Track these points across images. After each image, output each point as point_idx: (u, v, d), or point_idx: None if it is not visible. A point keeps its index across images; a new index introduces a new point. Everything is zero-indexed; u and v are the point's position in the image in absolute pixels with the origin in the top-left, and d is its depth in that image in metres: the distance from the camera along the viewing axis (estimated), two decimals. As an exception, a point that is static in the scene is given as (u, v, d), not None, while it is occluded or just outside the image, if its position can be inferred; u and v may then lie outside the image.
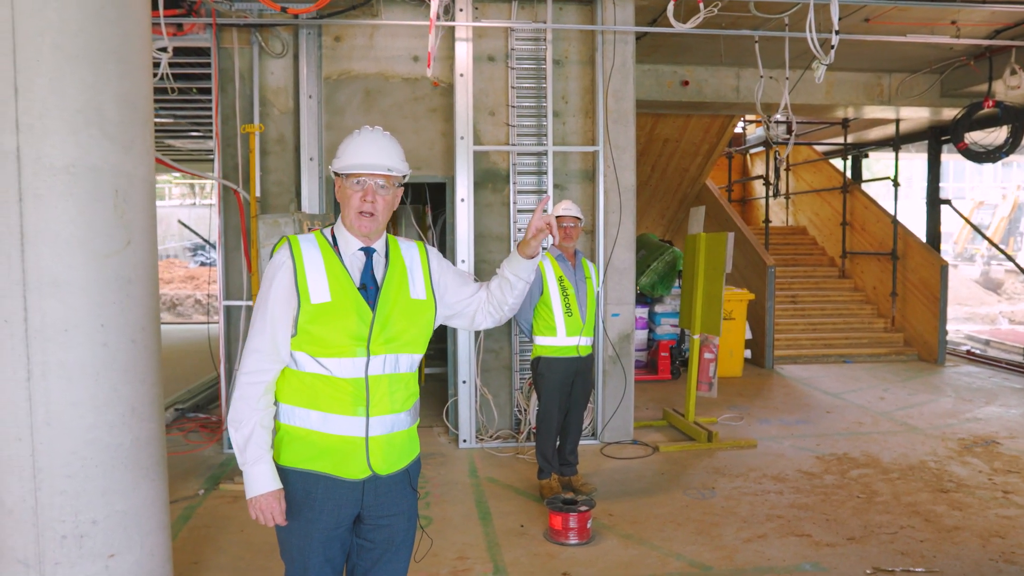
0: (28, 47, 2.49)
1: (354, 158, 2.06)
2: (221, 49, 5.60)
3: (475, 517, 4.48)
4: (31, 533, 2.62)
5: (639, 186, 11.13)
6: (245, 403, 2.02)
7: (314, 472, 2.05)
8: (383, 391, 2.06)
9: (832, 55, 4.35)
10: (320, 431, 2.03)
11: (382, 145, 2.11)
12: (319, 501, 2.05)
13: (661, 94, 8.12)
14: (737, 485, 5.00)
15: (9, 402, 2.58)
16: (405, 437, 2.15)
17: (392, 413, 2.09)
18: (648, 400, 7.57)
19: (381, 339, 2.05)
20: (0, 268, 2.55)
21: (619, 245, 5.96)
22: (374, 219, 2.08)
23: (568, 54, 5.99)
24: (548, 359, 4.69)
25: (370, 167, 2.05)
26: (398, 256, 2.18)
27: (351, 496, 2.08)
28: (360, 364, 2.03)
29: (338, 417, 2.03)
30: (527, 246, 2.15)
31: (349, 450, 2.04)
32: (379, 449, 2.07)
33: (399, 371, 2.09)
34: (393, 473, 2.12)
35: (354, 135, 2.12)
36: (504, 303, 2.25)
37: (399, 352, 2.09)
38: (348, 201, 2.08)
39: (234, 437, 2.04)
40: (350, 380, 2.02)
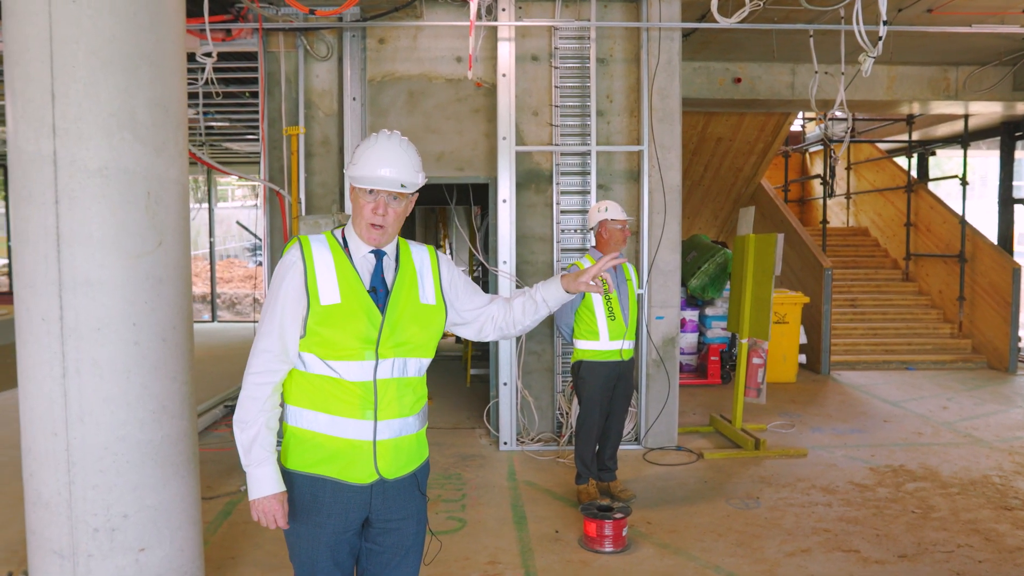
0: (64, 54, 2.57)
1: (369, 170, 2.02)
2: (268, 53, 5.71)
3: (510, 521, 4.43)
4: (65, 525, 2.69)
5: (691, 186, 10.93)
6: (253, 403, 2.01)
7: (321, 476, 2.03)
8: (391, 395, 2.04)
9: (880, 47, 4.14)
10: (328, 434, 2.02)
11: (398, 157, 2.05)
12: (326, 505, 2.04)
13: (712, 92, 7.93)
14: (783, 495, 4.82)
15: (46, 398, 2.67)
16: (413, 441, 2.13)
17: (400, 417, 2.07)
18: (696, 405, 7.39)
19: (390, 343, 2.03)
20: (38, 268, 2.63)
21: (664, 247, 5.83)
22: (384, 231, 2.05)
23: (613, 52, 5.89)
24: (590, 363, 4.61)
25: (385, 182, 2.01)
26: (409, 260, 2.15)
27: (359, 500, 2.06)
28: (368, 367, 2.01)
29: (346, 420, 2.01)
30: (574, 284, 2.15)
31: (356, 454, 2.03)
32: (387, 453, 2.05)
33: (408, 375, 2.07)
34: (401, 477, 2.10)
35: (370, 142, 2.08)
36: (519, 323, 2.24)
37: (408, 356, 2.06)
38: (360, 210, 2.05)
39: (239, 438, 2.03)
40: (358, 383, 2.01)
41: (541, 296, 2.19)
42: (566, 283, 2.17)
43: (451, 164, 5.98)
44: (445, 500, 4.76)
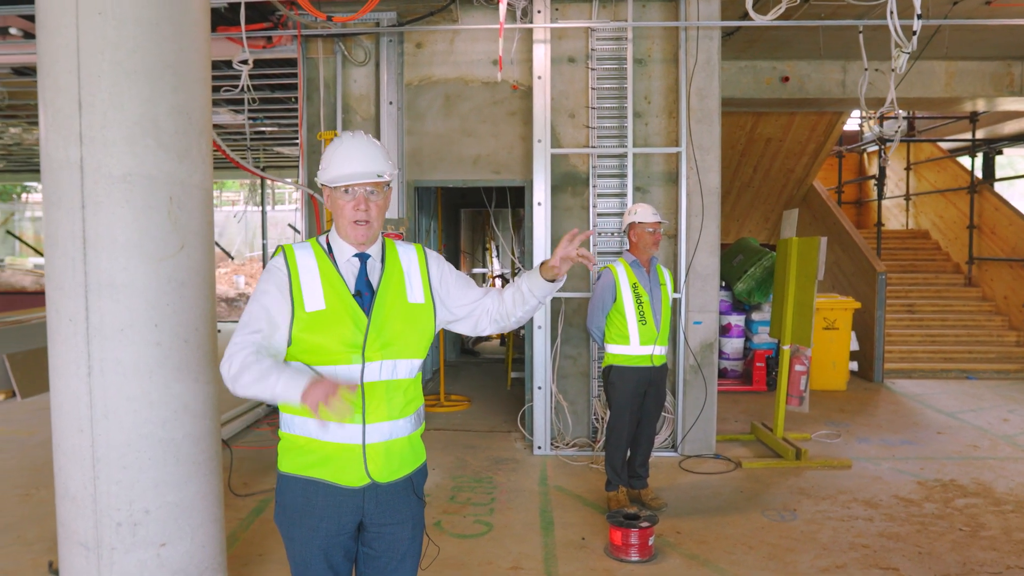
0: (90, 64, 2.66)
1: (342, 168, 2.03)
2: (308, 59, 5.82)
3: (536, 526, 4.40)
4: (91, 519, 2.79)
5: (740, 188, 10.69)
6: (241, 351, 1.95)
7: (314, 479, 2.04)
8: (380, 398, 2.03)
9: (914, 43, 3.95)
10: (318, 439, 2.03)
11: (367, 150, 2.06)
12: (319, 508, 2.05)
13: (759, 91, 7.74)
14: (822, 508, 4.66)
15: (73, 396, 2.77)
16: (406, 444, 2.11)
17: (390, 420, 2.05)
18: (739, 412, 7.21)
19: (376, 345, 2.02)
20: (66, 270, 2.74)
21: (702, 250, 5.71)
22: (369, 226, 2.06)
23: (651, 52, 5.81)
24: (620, 368, 4.55)
25: (360, 176, 2.01)
26: (395, 260, 2.14)
27: (351, 503, 2.06)
28: (355, 371, 2.01)
29: (335, 425, 2.00)
30: (549, 270, 2.09)
31: (346, 457, 2.03)
32: (377, 456, 2.04)
33: (397, 377, 2.06)
34: (394, 481, 2.10)
35: (336, 145, 2.08)
36: (512, 315, 2.19)
37: (397, 358, 2.05)
38: (340, 211, 2.05)
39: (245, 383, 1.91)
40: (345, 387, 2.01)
41: (527, 287, 2.14)
42: (543, 271, 2.10)
43: (487, 167, 5.99)
44: (474, 504, 4.76)
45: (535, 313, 2.21)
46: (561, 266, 2.07)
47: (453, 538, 4.21)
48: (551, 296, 2.17)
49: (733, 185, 10.67)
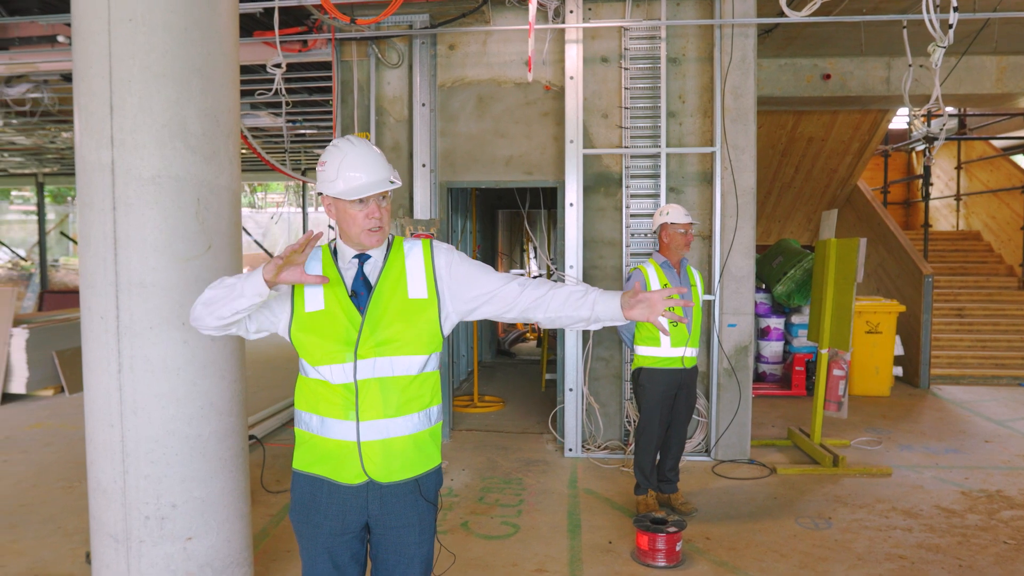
0: (121, 69, 2.73)
1: (355, 180, 2.00)
2: (342, 62, 5.89)
3: (563, 529, 4.37)
4: (120, 511, 2.86)
5: (781, 189, 10.48)
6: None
7: (317, 476, 2.08)
8: (373, 395, 2.02)
9: (950, 36, 3.80)
10: (319, 435, 2.07)
11: (374, 159, 2.04)
12: (323, 505, 2.07)
13: (799, 90, 7.57)
14: (859, 517, 4.53)
15: (104, 392, 2.85)
16: (409, 444, 2.07)
17: (385, 418, 2.03)
18: (777, 417, 7.06)
19: (370, 343, 2.02)
20: (98, 270, 2.82)
21: (736, 251, 5.61)
22: (383, 232, 2.07)
23: (685, 51, 5.73)
24: (650, 370, 4.50)
25: (376, 186, 1.99)
26: (398, 257, 2.12)
27: (354, 502, 2.07)
28: (349, 369, 2.02)
29: (333, 421, 2.04)
30: (633, 311, 2.00)
31: (343, 454, 2.05)
32: (374, 455, 2.03)
33: (394, 374, 2.04)
34: (398, 482, 2.07)
35: (339, 155, 2.03)
36: (553, 311, 2.08)
37: (393, 355, 2.03)
38: (351, 221, 2.03)
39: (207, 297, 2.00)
40: (342, 385, 2.03)
41: (594, 299, 2.04)
42: (625, 310, 2.00)
43: (520, 168, 5.98)
44: (502, 505, 4.75)
45: (580, 327, 2.10)
46: (633, 312, 1.99)
47: (479, 539, 4.21)
48: (604, 324, 2.07)
49: (774, 186, 10.46)
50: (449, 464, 5.56)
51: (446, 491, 5.00)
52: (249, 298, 1.93)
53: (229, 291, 1.95)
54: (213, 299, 1.98)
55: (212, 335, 2.21)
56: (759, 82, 7.50)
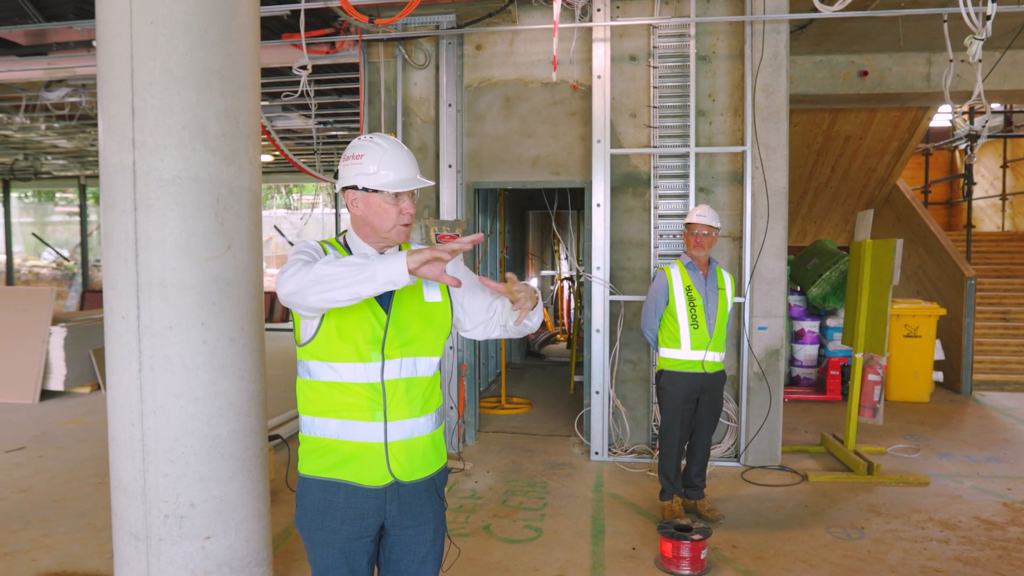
0: (142, 71, 2.76)
1: (397, 174, 2.02)
2: (370, 63, 5.91)
3: (587, 534, 4.31)
4: (140, 509, 2.89)
5: (817, 188, 10.26)
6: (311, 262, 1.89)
7: (335, 480, 2.04)
8: (400, 395, 2.03)
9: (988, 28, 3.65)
10: (339, 439, 2.03)
11: (410, 157, 2.09)
12: (340, 510, 2.04)
13: (835, 87, 7.39)
14: (893, 527, 4.38)
15: (126, 390, 2.87)
16: (429, 443, 2.10)
17: (411, 418, 2.05)
18: (810, 422, 6.90)
19: (396, 343, 2.02)
20: (120, 270, 2.84)
21: (767, 252, 5.49)
22: (410, 228, 2.09)
23: (716, 49, 5.62)
24: (671, 373, 4.42)
25: (416, 182, 2.04)
26: None
27: (373, 505, 2.05)
28: (375, 368, 2.00)
29: (356, 423, 2.01)
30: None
31: (369, 456, 2.02)
32: (399, 454, 2.04)
33: (417, 375, 2.06)
34: (417, 481, 2.08)
35: (378, 151, 2.04)
36: (508, 321, 2.17)
37: (416, 355, 2.06)
38: (383, 215, 2.03)
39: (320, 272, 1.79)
40: (366, 385, 2.00)
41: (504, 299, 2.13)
42: None
43: (547, 168, 5.93)
44: (525, 508, 4.71)
45: (532, 329, 2.15)
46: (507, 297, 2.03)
47: (501, 543, 4.18)
48: (534, 318, 2.11)
49: (810, 185, 10.24)
50: (474, 466, 5.54)
51: (469, 493, 4.98)
52: (380, 284, 1.73)
53: (354, 272, 1.74)
54: (329, 277, 1.76)
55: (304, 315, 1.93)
56: (793, 80, 7.38)
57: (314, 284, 1.78)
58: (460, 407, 5.94)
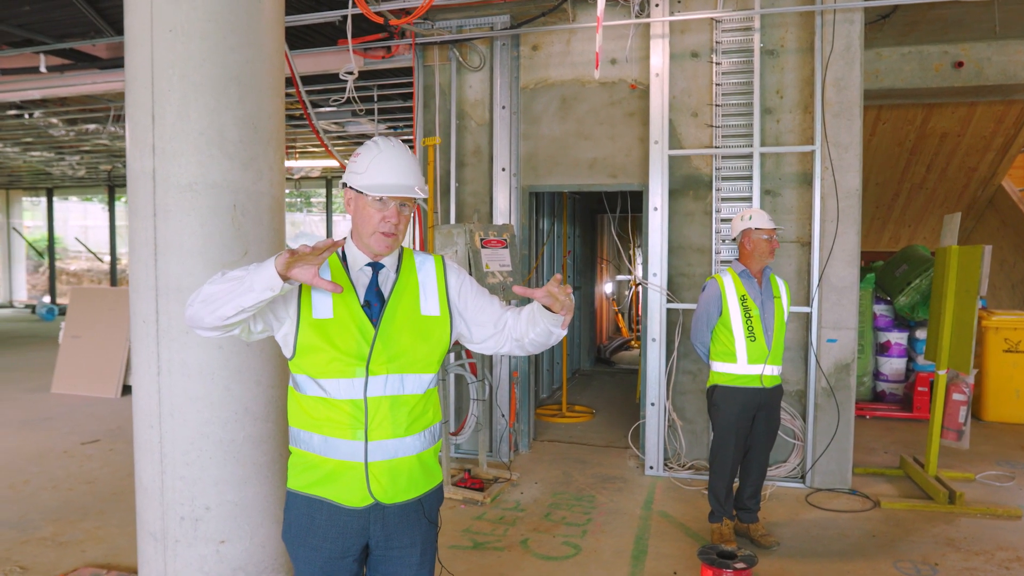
0: (162, 79, 2.80)
1: (382, 177, 1.94)
2: (425, 67, 5.90)
3: (627, 554, 4.11)
4: (158, 510, 2.93)
5: (911, 190, 9.58)
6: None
7: (317, 497, 1.97)
8: (383, 414, 1.93)
9: None
10: (321, 455, 1.96)
11: (407, 164, 1.99)
12: (322, 528, 1.97)
13: (926, 80, 6.83)
14: (972, 565, 3.96)
15: (146, 393, 2.92)
16: (415, 464, 2.00)
17: (395, 437, 1.95)
18: (892, 442, 6.39)
19: (383, 358, 1.93)
20: (141, 274, 2.90)
21: (837, 259, 5.10)
22: (395, 239, 1.98)
23: (784, 42, 5.28)
24: (725, 388, 4.16)
25: (401, 189, 1.93)
26: (411, 271, 2.05)
27: (355, 525, 1.97)
28: (359, 384, 1.92)
29: (338, 441, 1.93)
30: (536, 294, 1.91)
31: (349, 476, 1.94)
32: (381, 476, 1.94)
33: (404, 392, 1.96)
34: (402, 503, 1.99)
35: (376, 150, 1.99)
36: (525, 335, 2.03)
37: (404, 372, 1.96)
38: (367, 219, 1.96)
39: (207, 293, 1.78)
40: (348, 401, 1.92)
41: (538, 306, 1.96)
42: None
43: (603, 171, 5.74)
44: (568, 523, 4.55)
45: (553, 342, 2.03)
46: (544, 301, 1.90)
47: (536, 558, 4.04)
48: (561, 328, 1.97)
49: (902, 187, 9.55)
50: (521, 476, 5.41)
51: (512, 505, 4.86)
52: (259, 292, 1.71)
53: (235, 285, 1.73)
54: (214, 296, 1.76)
55: (211, 337, 1.90)
56: (878, 74, 6.88)
57: (205, 305, 1.76)
58: (511, 415, 5.84)
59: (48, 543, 4.16)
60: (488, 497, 4.91)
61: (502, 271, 5.05)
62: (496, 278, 5.00)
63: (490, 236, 5.00)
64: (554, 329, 1.98)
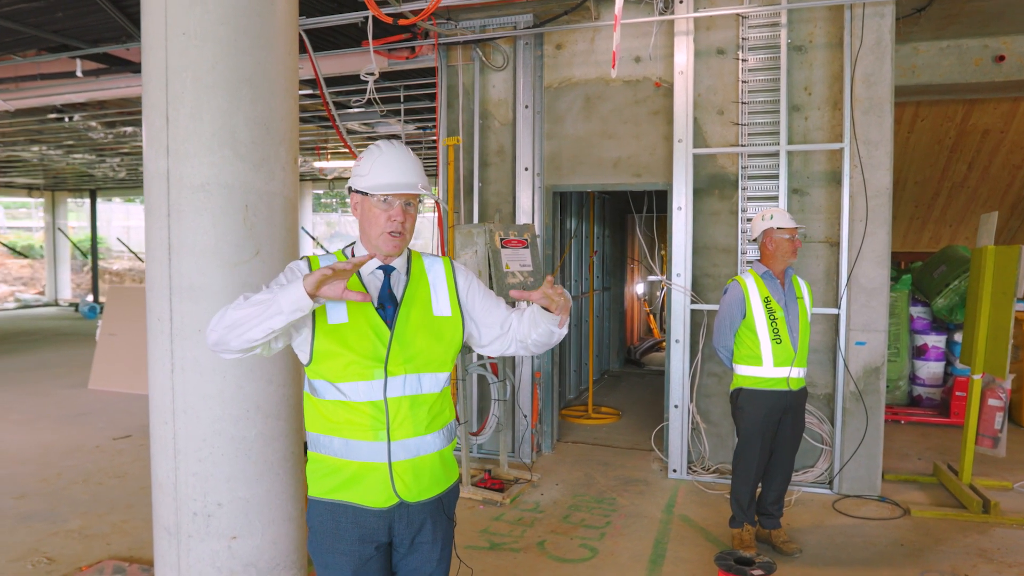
0: (176, 82, 2.84)
1: (385, 177, 1.97)
2: (449, 67, 5.91)
3: (645, 559, 4.05)
4: (172, 506, 2.98)
5: (952, 189, 9.31)
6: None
7: (341, 502, 1.98)
8: (404, 414, 1.95)
9: None
10: (343, 458, 1.96)
11: (411, 162, 2.02)
12: (347, 531, 1.98)
13: (966, 75, 6.61)
14: (1004, 577, 3.82)
15: (161, 390, 2.97)
16: (437, 461, 2.03)
17: (416, 436, 1.97)
18: (927, 448, 6.21)
19: (400, 359, 1.95)
20: (155, 274, 2.95)
21: (866, 259, 4.97)
22: (402, 238, 2.00)
23: (812, 37, 5.16)
24: (750, 391, 4.07)
25: (404, 187, 1.96)
26: (421, 272, 2.08)
27: (380, 524, 1.99)
28: (378, 386, 1.93)
29: (359, 443, 1.94)
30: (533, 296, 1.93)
31: (373, 477, 1.96)
32: (404, 474, 1.97)
33: (422, 392, 1.99)
34: (424, 501, 2.02)
35: (377, 152, 2.02)
36: (527, 336, 2.07)
37: (421, 372, 1.98)
38: (373, 220, 1.98)
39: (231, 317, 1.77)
40: (368, 403, 1.93)
41: (537, 307, 1.98)
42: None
43: (628, 170, 5.68)
44: (586, 526, 4.51)
45: (555, 342, 2.06)
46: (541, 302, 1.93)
47: (551, 561, 4.01)
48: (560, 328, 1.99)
49: (942, 185, 9.27)
50: (542, 478, 5.39)
51: (531, 506, 4.84)
52: (288, 315, 1.72)
53: (262, 309, 1.72)
54: (240, 320, 1.74)
55: (234, 359, 1.91)
56: (916, 69, 6.69)
57: (231, 330, 1.76)
58: (534, 416, 5.81)
59: (75, 535, 4.27)
60: (507, 498, 4.89)
61: (522, 271, 5.03)
62: (516, 278, 4.98)
63: (510, 236, 4.98)
64: (554, 329, 1.99)
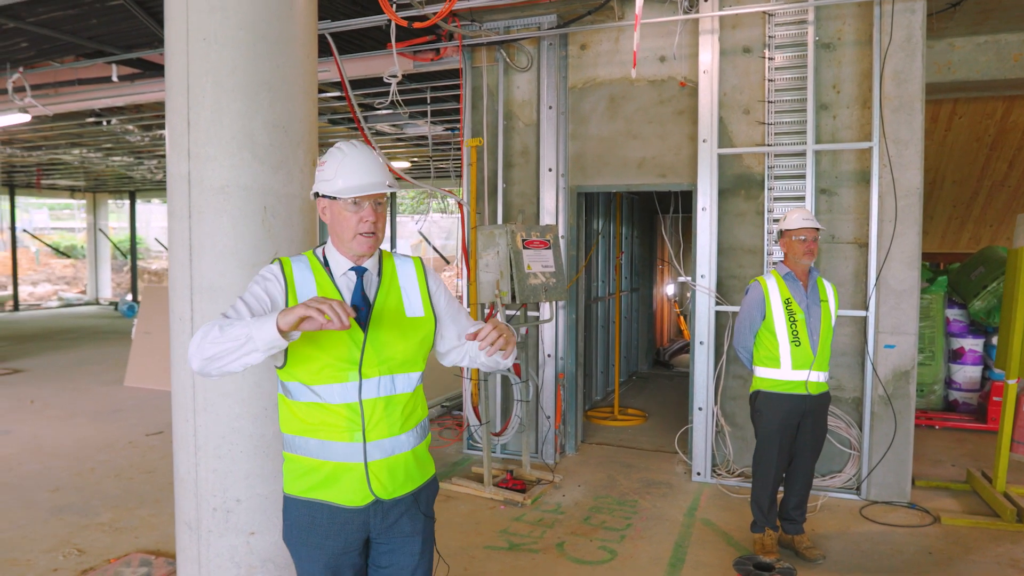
0: (196, 87, 2.91)
1: (354, 179, 1.97)
2: (473, 68, 5.93)
3: (664, 562, 4.02)
4: (193, 501, 3.04)
5: (992, 188, 9.06)
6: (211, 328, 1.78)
7: (318, 501, 2.01)
8: (379, 414, 1.98)
9: None
10: (319, 459, 1.99)
11: (374, 163, 2.02)
12: (324, 527, 2.01)
13: (1004, 71, 6.43)
14: (1037, 589, 3.71)
15: (182, 388, 3.04)
16: (410, 459, 2.06)
17: (391, 436, 2.00)
18: (961, 455, 6.05)
19: (374, 361, 1.97)
20: (178, 274, 3.02)
21: (896, 261, 4.86)
22: (375, 238, 2.01)
23: (841, 35, 5.07)
24: (768, 394, 4.02)
25: (373, 187, 1.97)
26: (392, 273, 2.10)
27: (356, 521, 2.01)
28: (352, 388, 1.96)
29: (335, 444, 1.97)
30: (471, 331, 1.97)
31: (348, 476, 1.98)
32: (380, 473, 1.99)
33: (396, 392, 2.01)
34: (400, 497, 2.04)
35: (340, 156, 2.01)
36: (477, 358, 2.14)
37: (395, 373, 2.01)
38: (345, 223, 1.98)
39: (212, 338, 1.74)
40: (344, 405, 1.96)
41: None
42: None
43: (652, 171, 5.64)
44: (607, 528, 4.49)
45: (503, 369, 2.14)
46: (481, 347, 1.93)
47: (569, 562, 4.00)
48: (505, 360, 2.07)
49: (982, 184, 9.02)
50: (564, 479, 5.38)
51: (553, 507, 4.83)
52: (264, 352, 1.72)
53: (239, 345, 1.71)
54: (218, 355, 1.73)
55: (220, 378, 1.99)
56: (951, 65, 6.53)
57: (210, 363, 1.76)
58: (557, 417, 5.80)
59: (106, 528, 4.38)
60: (529, 499, 4.89)
61: (544, 272, 5.03)
62: (538, 279, 4.98)
63: (532, 236, 4.98)
64: (500, 361, 2.07)
